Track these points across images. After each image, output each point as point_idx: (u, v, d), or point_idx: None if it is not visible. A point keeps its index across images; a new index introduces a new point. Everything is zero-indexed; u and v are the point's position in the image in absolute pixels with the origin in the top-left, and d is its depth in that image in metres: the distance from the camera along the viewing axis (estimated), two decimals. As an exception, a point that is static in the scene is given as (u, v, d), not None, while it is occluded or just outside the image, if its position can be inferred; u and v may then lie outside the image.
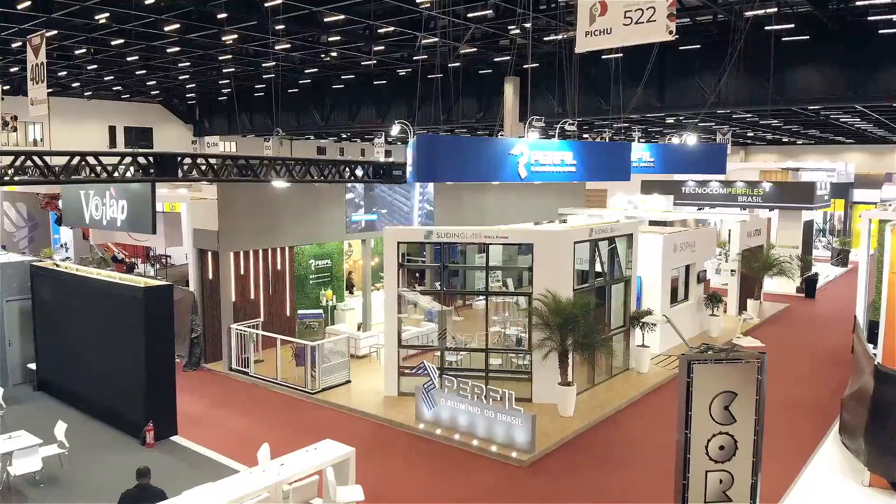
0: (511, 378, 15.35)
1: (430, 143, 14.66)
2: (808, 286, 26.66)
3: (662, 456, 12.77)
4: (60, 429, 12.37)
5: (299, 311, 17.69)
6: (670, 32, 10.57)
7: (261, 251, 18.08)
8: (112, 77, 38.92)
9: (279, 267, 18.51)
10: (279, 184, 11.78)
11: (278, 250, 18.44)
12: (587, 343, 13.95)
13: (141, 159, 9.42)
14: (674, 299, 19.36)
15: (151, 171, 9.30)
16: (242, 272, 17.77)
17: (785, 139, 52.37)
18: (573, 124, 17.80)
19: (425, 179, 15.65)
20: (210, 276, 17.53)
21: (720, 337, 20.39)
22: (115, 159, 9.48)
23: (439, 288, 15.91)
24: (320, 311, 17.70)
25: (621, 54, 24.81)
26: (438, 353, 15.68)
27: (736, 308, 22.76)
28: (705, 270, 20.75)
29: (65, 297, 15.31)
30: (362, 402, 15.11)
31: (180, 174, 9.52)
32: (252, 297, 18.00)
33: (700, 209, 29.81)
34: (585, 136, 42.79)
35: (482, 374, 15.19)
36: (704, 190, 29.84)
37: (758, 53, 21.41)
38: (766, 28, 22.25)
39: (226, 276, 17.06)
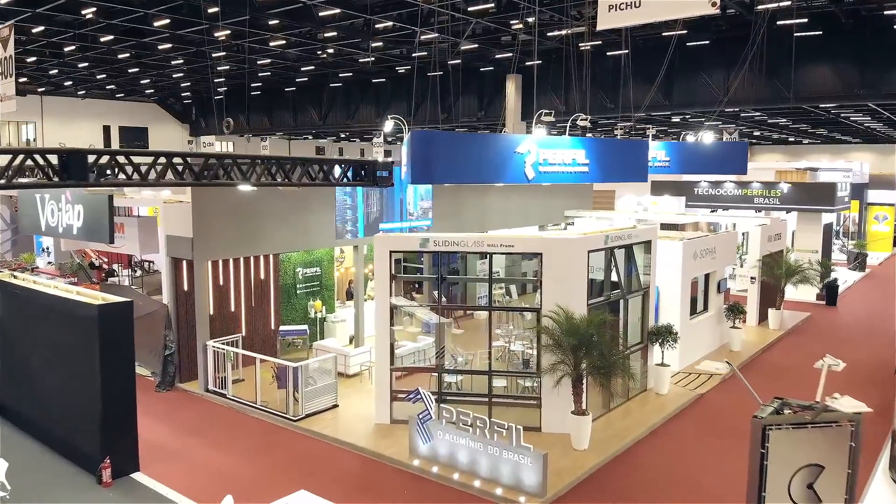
0: (517, 404, 13.31)
1: (427, 141, 12.65)
2: (829, 293, 24.52)
3: (693, 497, 10.80)
4: (1, 468, 10.47)
5: (281, 328, 15.61)
6: (713, 5, 8.53)
7: (241, 259, 16.04)
8: (104, 75, 37.00)
9: (262, 276, 16.47)
10: (244, 187, 9.79)
11: (261, 258, 16.40)
12: (604, 367, 11.89)
13: (39, 158, 7.36)
14: (692, 311, 17.30)
15: (53, 174, 7.22)
16: (221, 283, 15.74)
17: (791, 139, 50.24)
18: (587, 119, 15.73)
19: (422, 181, 13.65)
20: (185, 288, 15.50)
21: (742, 351, 18.32)
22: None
23: (437, 301, 13.82)
24: (304, 327, 15.61)
25: (627, 50, 23.06)
26: (436, 375, 13.62)
27: (756, 318, 20.64)
28: (726, 279, 18.68)
29: (19, 313, 13.36)
30: (350, 431, 13.08)
31: (92, 178, 7.44)
32: (232, 309, 15.97)
33: (713, 211, 27.71)
34: (588, 135, 40.76)
35: (485, 400, 13.14)
36: (718, 191, 27.71)
37: (769, 49, 19.55)
38: (778, 23, 20.42)
39: (201, 287, 15.02)
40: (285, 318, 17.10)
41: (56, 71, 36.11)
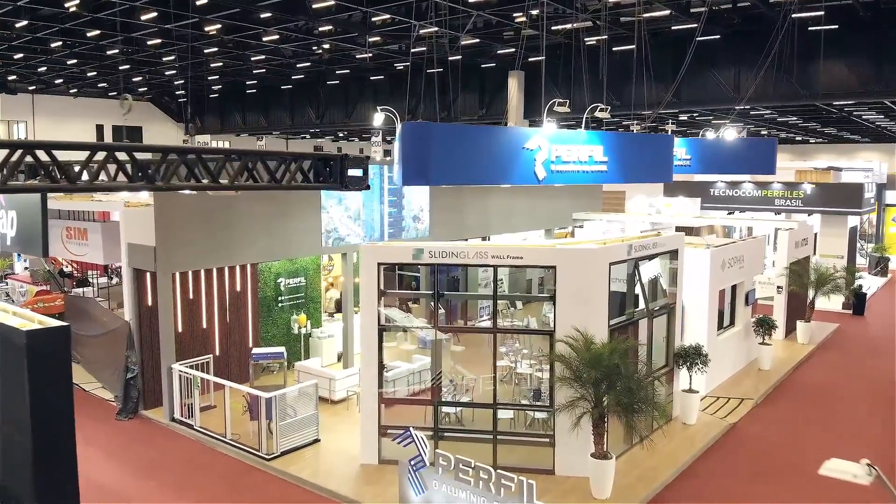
0: (527, 442, 11.10)
1: (422, 135, 10.43)
2: (857, 302, 22.17)
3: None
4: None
5: (254, 351, 13.37)
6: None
7: (215, 270, 13.85)
8: (95, 73, 34.81)
9: (238, 289, 14.27)
10: (183, 192, 7.52)
11: (237, 269, 14.20)
12: (631, 403, 9.66)
13: None
14: (718, 325, 15.06)
15: None
16: (191, 296, 13.55)
17: (798, 138, 47.90)
18: (606, 110, 13.52)
19: (415, 182, 11.43)
20: (149, 303, 13.29)
21: (772, 370, 16.07)
22: None
23: (434, 319, 11.59)
24: (281, 349, 13.36)
25: (634, 46, 21.03)
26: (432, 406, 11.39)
27: (783, 331, 18.29)
28: (754, 290, 16.42)
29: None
30: (331, 473, 10.87)
31: None
32: (204, 326, 13.78)
33: (730, 213, 25.40)
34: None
35: (489, 437, 10.92)
36: (736, 192, 25.39)
37: (784, 44, 17.50)
38: (793, 16, 18.35)
39: (165, 302, 12.81)
40: (265, 334, 14.89)
41: (45, 68, 34.04)
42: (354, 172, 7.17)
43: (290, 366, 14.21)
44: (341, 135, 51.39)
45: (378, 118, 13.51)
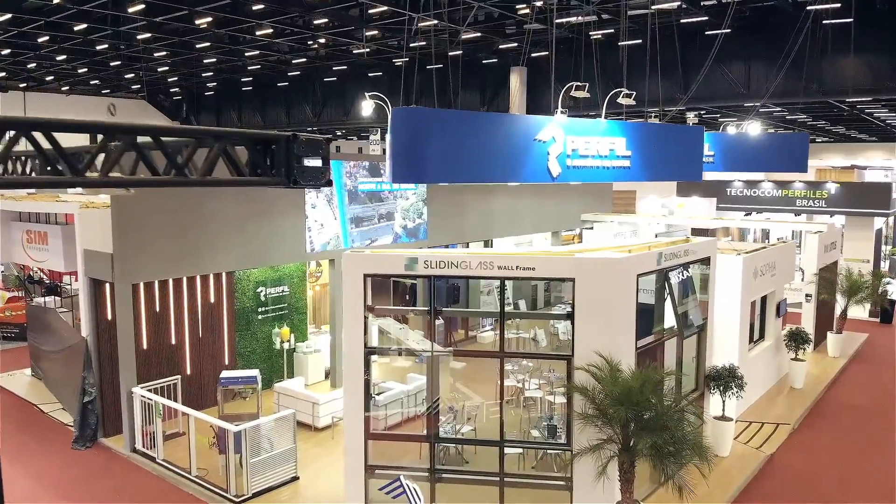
0: (540, 484, 9.23)
1: (416, 122, 8.55)
2: (885, 310, 20.23)
3: None
4: None
5: (222, 375, 11.44)
6: None
7: (185, 280, 12.00)
8: (86, 69, 32.96)
9: (213, 300, 12.41)
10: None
11: (211, 278, 12.34)
12: (665, 445, 7.78)
13: None
14: (748, 340, 13.18)
15: None
16: (158, 309, 11.69)
17: (804, 137, 45.90)
18: (631, 96, 11.67)
19: (408, 179, 9.60)
20: (108, 317, 11.43)
21: (806, 388, 14.18)
22: None
23: (430, 336, 9.72)
24: (254, 373, 11.44)
25: (640, 40, 19.27)
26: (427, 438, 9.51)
27: (812, 343, 16.40)
28: (785, 299, 14.54)
29: None
30: (310, 522, 9.02)
31: None
32: (173, 342, 11.92)
33: (747, 215, 23.48)
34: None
35: (496, 478, 9.05)
36: (754, 192, 23.45)
37: (797, 39, 15.69)
38: (808, 8, 16.60)
39: (124, 316, 10.96)
40: (243, 350, 13.03)
41: (34, 65, 32.22)
42: (310, 162, 5.09)
43: (269, 386, 12.36)
44: (339, 133, 49.50)
45: (367, 106, 11.70)
